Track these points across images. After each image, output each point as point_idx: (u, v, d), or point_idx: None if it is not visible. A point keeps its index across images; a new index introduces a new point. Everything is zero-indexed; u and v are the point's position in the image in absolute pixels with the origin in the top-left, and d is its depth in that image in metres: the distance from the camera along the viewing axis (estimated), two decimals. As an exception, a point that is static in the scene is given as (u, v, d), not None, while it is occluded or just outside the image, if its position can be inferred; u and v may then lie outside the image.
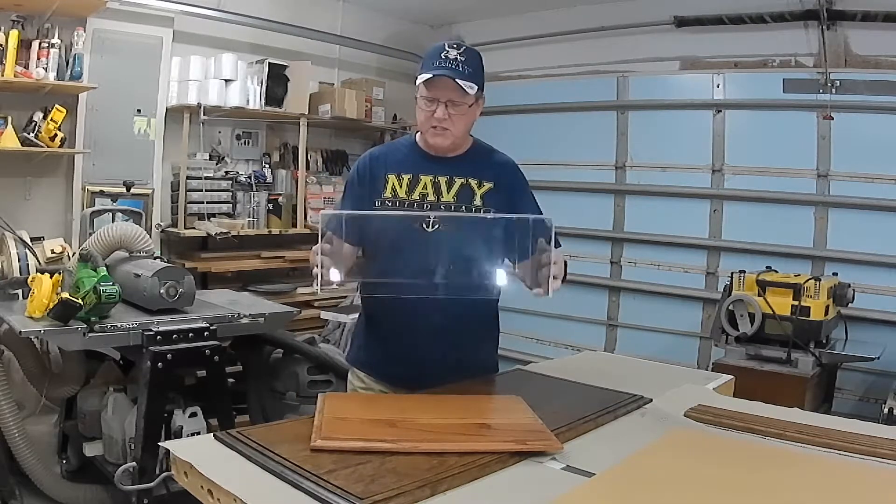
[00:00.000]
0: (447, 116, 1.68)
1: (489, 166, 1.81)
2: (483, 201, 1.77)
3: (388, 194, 1.78)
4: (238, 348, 3.04)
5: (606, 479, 1.18)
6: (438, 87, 1.67)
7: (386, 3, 4.92)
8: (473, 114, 1.75)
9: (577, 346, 4.12)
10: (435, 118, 1.69)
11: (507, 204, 1.78)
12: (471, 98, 1.70)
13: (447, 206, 1.75)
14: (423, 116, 1.72)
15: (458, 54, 1.67)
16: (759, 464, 1.27)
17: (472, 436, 1.32)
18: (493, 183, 1.78)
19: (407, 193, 1.77)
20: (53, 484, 2.78)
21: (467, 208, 1.76)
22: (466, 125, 1.75)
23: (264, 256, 4.30)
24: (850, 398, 3.68)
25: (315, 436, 1.27)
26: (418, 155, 1.81)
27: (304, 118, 4.43)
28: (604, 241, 4.59)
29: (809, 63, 3.90)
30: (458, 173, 1.78)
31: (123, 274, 2.65)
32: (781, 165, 3.92)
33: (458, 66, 1.66)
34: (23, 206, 3.53)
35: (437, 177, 1.77)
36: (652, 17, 4.32)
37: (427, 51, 1.72)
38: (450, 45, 1.68)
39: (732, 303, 3.29)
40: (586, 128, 4.62)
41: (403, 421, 1.36)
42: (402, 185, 1.78)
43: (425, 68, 1.68)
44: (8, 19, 3.25)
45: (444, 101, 1.67)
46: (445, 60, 1.66)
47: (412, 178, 1.78)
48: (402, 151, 1.85)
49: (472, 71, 1.68)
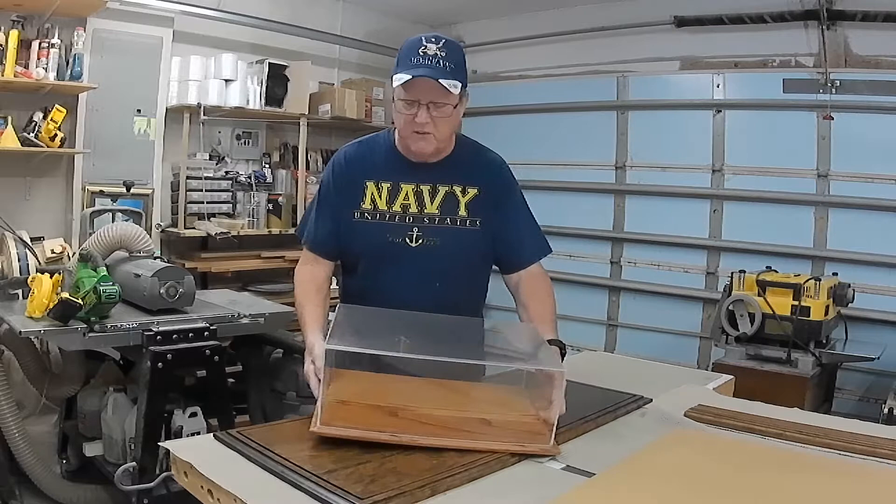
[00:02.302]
0: (429, 120, 1.52)
1: (475, 169, 1.69)
2: (468, 211, 1.66)
3: (368, 205, 1.65)
4: (238, 348, 3.03)
5: (606, 479, 1.18)
6: (419, 88, 1.49)
7: (386, 3, 4.93)
8: (458, 114, 1.58)
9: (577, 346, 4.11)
10: (416, 123, 1.52)
11: (493, 210, 1.68)
12: (454, 98, 1.52)
13: (430, 219, 1.64)
14: (402, 121, 1.55)
15: (438, 49, 1.49)
16: (760, 464, 1.27)
17: (471, 432, 1.30)
18: (478, 188, 1.66)
19: (387, 205, 1.64)
20: (53, 484, 2.78)
21: (452, 220, 1.65)
22: (451, 128, 1.60)
23: (264, 256, 4.30)
24: (850, 398, 3.68)
25: (315, 420, 1.27)
26: (398, 160, 1.66)
27: (304, 118, 4.44)
28: (604, 241, 4.59)
29: (809, 63, 3.91)
30: (442, 180, 1.65)
31: (123, 274, 2.64)
32: (781, 165, 3.92)
33: (439, 63, 1.48)
34: (23, 206, 3.54)
35: (420, 185, 1.64)
36: (652, 17, 4.32)
37: (402, 46, 1.54)
38: (427, 40, 1.50)
39: (732, 303, 3.29)
40: (586, 128, 4.62)
41: (405, 410, 1.34)
42: (381, 195, 1.65)
43: (402, 67, 1.49)
44: (8, 19, 3.26)
45: (426, 102, 1.51)
46: (424, 57, 1.48)
47: (392, 187, 1.64)
48: (379, 154, 1.69)
49: (454, 67, 1.50)
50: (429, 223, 1.64)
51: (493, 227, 1.69)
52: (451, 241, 1.65)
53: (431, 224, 1.64)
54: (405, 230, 1.64)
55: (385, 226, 1.64)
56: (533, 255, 1.74)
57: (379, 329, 1.44)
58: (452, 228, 1.66)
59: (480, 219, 1.67)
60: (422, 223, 1.64)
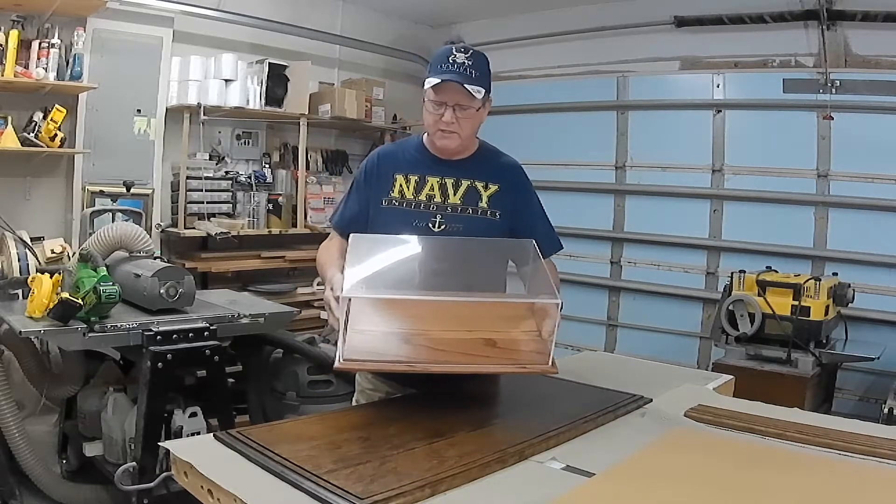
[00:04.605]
0: (455, 120, 1.70)
1: (495, 168, 1.83)
2: (489, 203, 1.78)
3: (396, 194, 1.80)
4: (238, 348, 3.03)
5: (606, 479, 1.18)
6: (446, 91, 1.68)
7: (386, 3, 4.93)
8: (481, 117, 1.77)
9: (577, 346, 4.11)
10: (443, 122, 1.70)
11: (512, 206, 1.80)
12: (478, 102, 1.71)
13: (453, 208, 1.77)
14: (430, 120, 1.74)
15: (466, 58, 1.68)
16: (759, 464, 1.27)
17: (477, 355, 1.44)
18: (498, 185, 1.80)
19: (414, 194, 1.79)
20: (53, 484, 2.78)
21: (473, 210, 1.77)
22: (474, 128, 1.77)
23: (264, 256, 4.29)
24: (850, 398, 3.68)
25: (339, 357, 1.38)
26: (426, 156, 1.83)
27: (304, 118, 4.43)
28: (604, 241, 4.59)
29: (809, 63, 3.91)
30: (465, 175, 1.79)
31: (123, 274, 2.65)
32: (781, 165, 3.92)
33: (466, 70, 1.67)
34: (23, 206, 3.53)
35: (444, 178, 1.79)
36: (652, 17, 4.32)
37: (434, 54, 1.74)
38: (457, 50, 1.69)
39: (732, 303, 3.29)
40: (586, 128, 4.62)
41: (417, 335, 1.46)
42: (409, 186, 1.80)
43: (433, 72, 1.69)
44: (8, 19, 3.25)
45: (452, 104, 1.69)
46: (453, 65, 1.67)
47: (419, 179, 1.80)
48: (410, 152, 1.86)
49: (479, 75, 1.69)
50: (451, 212, 1.77)
51: (512, 222, 1.81)
52: (472, 229, 1.76)
53: (454, 213, 1.77)
54: (429, 217, 1.77)
55: (411, 213, 1.78)
56: (547, 250, 1.82)
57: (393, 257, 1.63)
58: (474, 217, 1.78)
59: (500, 212, 1.79)
60: (445, 211, 1.77)
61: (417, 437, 1.33)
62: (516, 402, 1.66)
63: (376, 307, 1.53)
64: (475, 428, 1.41)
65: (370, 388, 1.85)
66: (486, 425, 1.46)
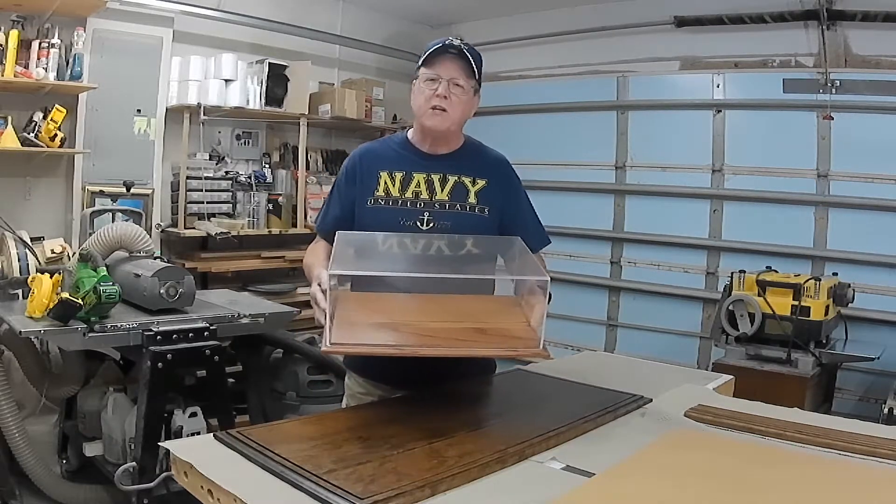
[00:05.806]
0: (448, 95, 1.67)
1: (483, 163, 1.80)
2: (477, 199, 1.75)
3: (381, 192, 1.76)
4: (238, 348, 3.04)
5: (606, 479, 1.18)
6: (443, 64, 1.67)
7: (386, 3, 4.93)
8: (471, 104, 1.74)
9: (577, 346, 4.11)
10: (436, 96, 1.67)
11: (501, 202, 1.77)
12: (472, 84, 1.70)
13: (441, 205, 1.74)
14: (422, 99, 1.71)
15: (462, 45, 1.69)
16: (759, 464, 1.27)
17: (466, 341, 1.41)
18: (487, 180, 1.77)
19: (400, 191, 1.75)
20: (53, 484, 2.79)
21: (462, 206, 1.74)
22: (464, 114, 1.73)
23: (264, 256, 4.30)
24: (850, 398, 3.68)
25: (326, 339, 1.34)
26: (411, 152, 1.79)
27: (304, 118, 4.43)
28: (604, 241, 4.59)
29: (809, 63, 3.91)
30: (452, 170, 1.76)
31: (123, 274, 2.65)
32: (781, 165, 3.92)
33: (463, 52, 1.68)
34: (23, 206, 3.53)
35: (431, 174, 1.75)
36: (652, 17, 4.32)
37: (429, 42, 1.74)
38: (455, 38, 1.70)
39: (732, 303, 3.29)
40: (586, 128, 4.62)
41: (406, 325, 1.44)
42: (394, 183, 1.76)
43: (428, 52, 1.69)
44: (8, 19, 3.25)
45: (447, 78, 1.67)
46: (451, 46, 1.68)
47: (405, 176, 1.76)
48: (393, 149, 1.83)
49: (475, 61, 1.70)
50: (439, 209, 1.74)
51: (500, 217, 1.78)
52: (461, 225, 1.73)
53: (442, 209, 1.74)
54: (416, 215, 1.73)
55: (398, 211, 1.74)
56: (536, 245, 1.82)
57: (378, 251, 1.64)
58: (462, 213, 1.75)
59: (489, 207, 1.76)
60: (432, 208, 1.74)
61: (417, 437, 1.32)
62: (516, 402, 1.66)
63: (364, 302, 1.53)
64: (475, 428, 1.41)
65: (361, 391, 1.83)
66: (485, 425, 1.46)
